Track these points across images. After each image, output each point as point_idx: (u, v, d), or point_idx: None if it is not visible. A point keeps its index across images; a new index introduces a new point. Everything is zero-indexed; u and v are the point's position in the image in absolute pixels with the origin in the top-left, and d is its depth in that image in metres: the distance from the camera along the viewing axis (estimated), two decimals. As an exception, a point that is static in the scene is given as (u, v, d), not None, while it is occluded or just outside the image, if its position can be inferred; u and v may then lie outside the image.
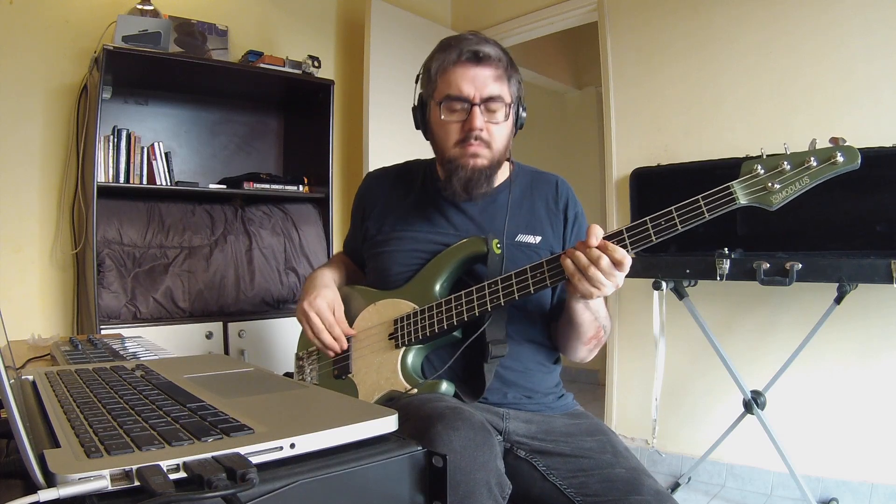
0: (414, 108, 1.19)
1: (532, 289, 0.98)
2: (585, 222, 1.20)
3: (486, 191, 1.11)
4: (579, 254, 0.92)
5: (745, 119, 2.32)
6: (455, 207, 1.16)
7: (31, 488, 0.40)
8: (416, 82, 1.17)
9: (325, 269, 1.28)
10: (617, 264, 0.91)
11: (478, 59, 1.05)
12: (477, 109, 1.05)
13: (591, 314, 1.04)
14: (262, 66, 2.50)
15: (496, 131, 1.08)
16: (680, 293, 2.15)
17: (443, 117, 1.08)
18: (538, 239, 1.15)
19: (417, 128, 1.20)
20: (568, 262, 0.94)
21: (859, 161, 0.85)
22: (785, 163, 0.87)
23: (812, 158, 0.86)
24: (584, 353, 1.10)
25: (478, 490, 0.80)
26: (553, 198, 1.19)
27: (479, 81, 1.05)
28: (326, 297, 1.16)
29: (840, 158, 0.85)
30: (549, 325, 1.16)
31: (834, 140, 0.86)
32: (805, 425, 2.16)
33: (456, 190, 1.09)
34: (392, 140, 2.84)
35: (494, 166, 1.11)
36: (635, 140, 2.63)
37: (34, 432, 0.52)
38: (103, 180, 2.20)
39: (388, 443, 0.54)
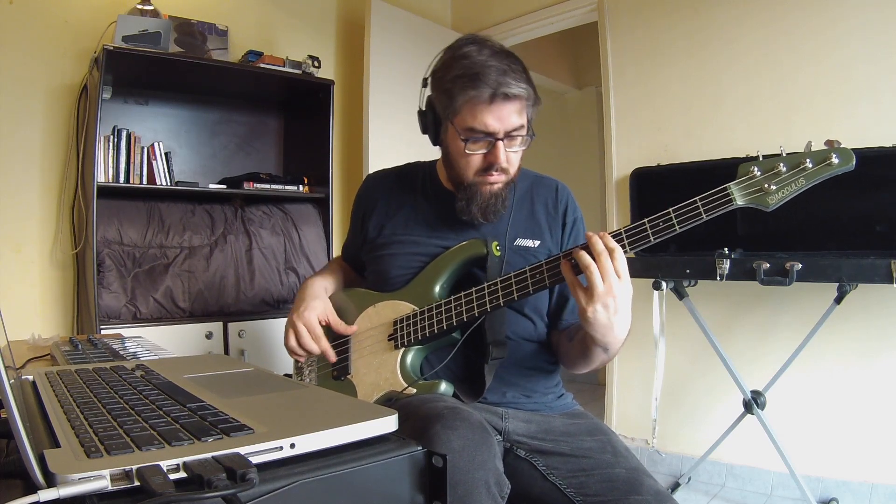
0: (421, 112, 1.15)
1: (531, 289, 0.98)
2: (584, 228, 1.20)
3: (502, 211, 1.11)
4: (585, 252, 0.90)
5: (745, 119, 2.32)
6: (455, 211, 1.16)
7: (31, 488, 0.40)
8: (425, 86, 1.14)
9: (317, 278, 1.26)
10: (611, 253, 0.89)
11: (507, 97, 1.02)
12: (501, 144, 1.04)
13: (606, 357, 1.00)
14: (262, 66, 2.50)
15: (514, 158, 1.09)
16: (680, 293, 2.15)
17: (467, 151, 1.06)
18: (537, 243, 1.15)
19: (424, 132, 1.16)
20: (582, 254, 0.90)
21: (854, 163, 0.85)
22: (781, 164, 0.88)
23: (808, 160, 0.87)
24: (582, 370, 1.09)
25: (476, 490, 0.80)
26: (553, 202, 1.19)
27: (505, 118, 1.02)
28: (316, 308, 1.15)
29: (835, 160, 0.86)
30: (548, 326, 1.16)
31: (829, 142, 0.87)
32: (805, 425, 2.16)
33: (475, 214, 1.09)
34: (392, 140, 2.84)
35: (509, 187, 1.11)
36: (635, 140, 2.63)
37: (34, 432, 0.52)
38: (103, 180, 2.20)
39: (388, 443, 0.54)
